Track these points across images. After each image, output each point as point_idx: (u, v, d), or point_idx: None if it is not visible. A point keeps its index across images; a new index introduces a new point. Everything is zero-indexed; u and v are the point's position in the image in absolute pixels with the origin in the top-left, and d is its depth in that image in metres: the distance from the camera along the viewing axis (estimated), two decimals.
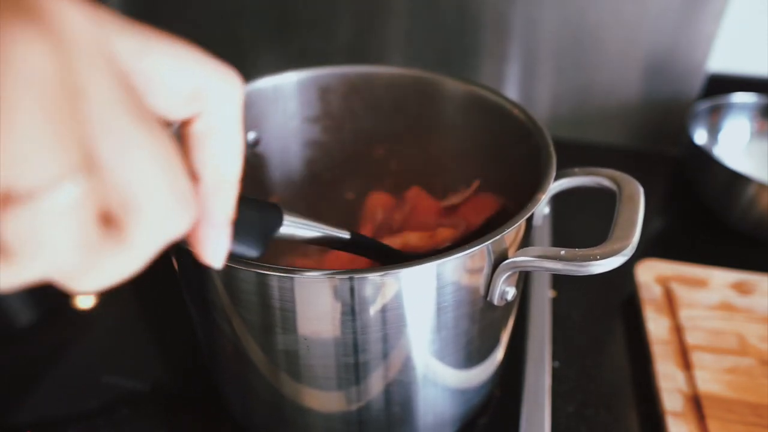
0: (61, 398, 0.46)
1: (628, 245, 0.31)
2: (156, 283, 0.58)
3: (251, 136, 0.48)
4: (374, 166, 0.55)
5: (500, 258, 0.33)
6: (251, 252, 0.26)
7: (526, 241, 0.36)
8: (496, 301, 0.34)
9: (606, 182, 0.38)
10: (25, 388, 0.47)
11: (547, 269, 0.32)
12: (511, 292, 0.34)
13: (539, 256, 0.32)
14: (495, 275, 0.33)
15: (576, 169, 0.39)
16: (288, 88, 0.48)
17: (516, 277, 0.34)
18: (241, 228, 0.24)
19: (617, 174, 0.38)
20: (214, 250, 0.20)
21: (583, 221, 0.64)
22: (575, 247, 0.32)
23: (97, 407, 0.45)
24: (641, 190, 0.36)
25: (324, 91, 0.50)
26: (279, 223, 0.28)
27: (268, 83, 0.47)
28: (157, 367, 0.50)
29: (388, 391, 0.35)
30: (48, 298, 0.58)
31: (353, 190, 0.56)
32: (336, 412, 0.36)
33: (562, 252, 0.31)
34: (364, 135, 0.53)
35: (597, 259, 0.31)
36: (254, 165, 0.49)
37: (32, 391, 0.47)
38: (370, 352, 0.33)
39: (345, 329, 0.31)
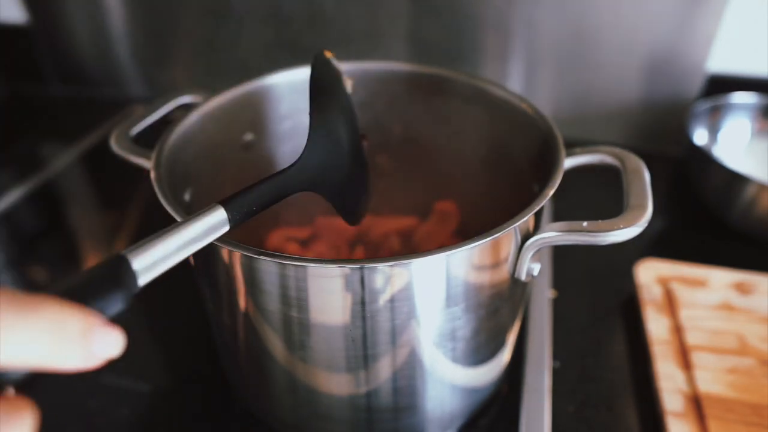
0: (61, 398, 0.46)
1: (645, 212, 0.33)
2: (156, 282, 0.58)
3: (247, 137, 0.48)
4: (372, 166, 0.55)
5: (525, 237, 0.34)
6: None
7: (540, 220, 0.36)
8: (523, 277, 0.35)
9: (608, 159, 0.39)
10: (25, 388, 0.47)
11: (571, 242, 0.33)
12: (536, 268, 0.35)
13: (564, 230, 0.33)
14: (522, 253, 0.34)
15: (577, 149, 0.40)
16: (281, 89, 0.48)
17: (539, 253, 0.35)
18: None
19: (617, 150, 0.39)
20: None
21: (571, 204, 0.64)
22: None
23: (97, 407, 0.45)
24: (643, 163, 0.38)
25: None
26: (134, 285, 0.24)
27: (260, 84, 0.47)
28: (157, 367, 0.50)
29: (395, 378, 0.36)
30: None
31: None
32: (345, 396, 0.37)
33: (585, 224, 0.33)
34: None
35: (620, 228, 0.32)
36: (249, 167, 0.49)
37: (32, 391, 0.47)
38: (379, 344, 0.34)
39: (355, 318, 0.32)
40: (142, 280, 0.24)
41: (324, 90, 0.34)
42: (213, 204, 0.28)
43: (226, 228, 0.28)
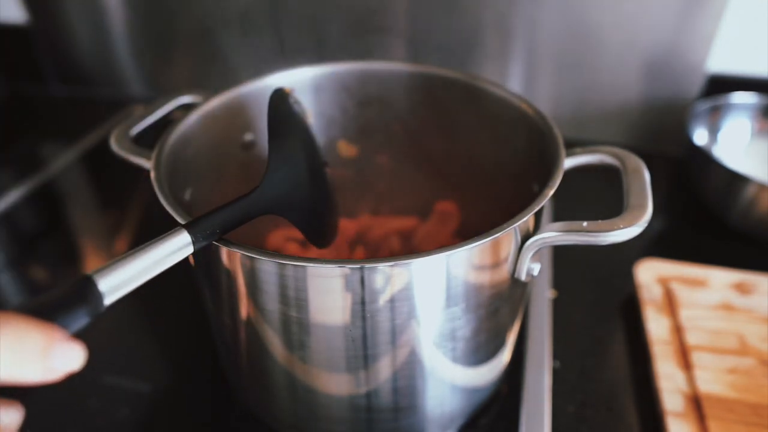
0: (61, 398, 0.46)
1: (645, 212, 0.33)
2: (156, 282, 0.58)
3: (247, 137, 0.48)
4: (372, 166, 0.55)
5: (525, 237, 0.34)
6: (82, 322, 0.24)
7: (540, 220, 0.36)
8: (523, 277, 0.35)
9: (608, 159, 0.39)
10: (25, 388, 0.47)
11: (571, 242, 0.33)
12: (536, 268, 0.35)
13: (564, 230, 0.33)
14: (522, 253, 0.34)
15: (577, 149, 0.40)
16: None
17: (539, 253, 0.35)
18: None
19: (618, 150, 0.39)
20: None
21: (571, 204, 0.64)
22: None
23: (97, 407, 0.45)
24: (643, 163, 0.38)
25: (317, 90, 0.50)
26: (99, 304, 0.25)
27: (260, 84, 0.47)
28: (157, 367, 0.50)
29: (395, 378, 0.36)
30: None
31: (349, 189, 0.56)
32: (345, 396, 0.37)
33: (585, 224, 0.33)
34: (358, 133, 0.53)
35: (620, 228, 0.32)
36: (250, 167, 0.49)
37: (32, 391, 0.47)
38: (379, 344, 0.34)
39: (355, 318, 0.32)
40: (108, 300, 0.25)
41: (281, 122, 0.35)
42: (177, 227, 0.29)
43: (190, 250, 0.29)
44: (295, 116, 0.35)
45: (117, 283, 0.25)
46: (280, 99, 0.35)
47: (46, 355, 0.21)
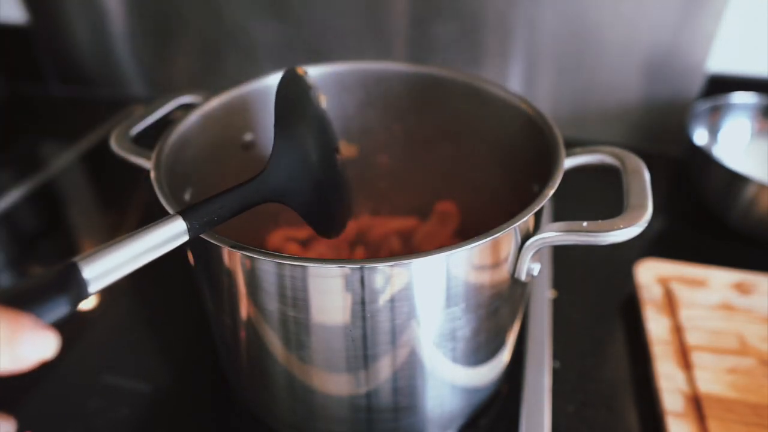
0: (61, 398, 0.46)
1: (645, 212, 0.33)
2: (156, 282, 0.58)
3: (247, 137, 0.48)
4: (372, 166, 0.55)
5: (525, 237, 0.34)
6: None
7: (539, 220, 0.36)
8: (523, 277, 0.35)
9: (608, 159, 0.39)
10: (26, 388, 0.47)
11: (571, 242, 0.33)
12: (536, 268, 0.35)
13: (564, 230, 0.33)
14: (522, 253, 0.34)
15: (578, 149, 0.40)
16: None
17: (539, 253, 0.35)
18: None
19: (618, 150, 0.39)
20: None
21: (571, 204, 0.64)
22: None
23: (97, 407, 0.45)
24: (643, 163, 0.38)
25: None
26: (84, 291, 0.24)
27: (260, 84, 0.47)
28: (157, 367, 0.50)
29: (395, 378, 0.36)
30: None
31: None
32: (345, 396, 0.37)
33: (585, 224, 0.33)
34: (358, 133, 0.53)
35: (620, 228, 0.32)
36: (249, 167, 0.49)
37: (32, 391, 0.47)
38: (379, 344, 0.34)
39: (355, 318, 0.32)
40: (93, 288, 0.24)
41: (290, 104, 0.33)
42: (171, 214, 0.28)
43: (185, 238, 0.28)
44: (306, 99, 0.33)
45: (104, 270, 0.24)
46: (291, 80, 0.33)
47: (13, 343, 0.20)
